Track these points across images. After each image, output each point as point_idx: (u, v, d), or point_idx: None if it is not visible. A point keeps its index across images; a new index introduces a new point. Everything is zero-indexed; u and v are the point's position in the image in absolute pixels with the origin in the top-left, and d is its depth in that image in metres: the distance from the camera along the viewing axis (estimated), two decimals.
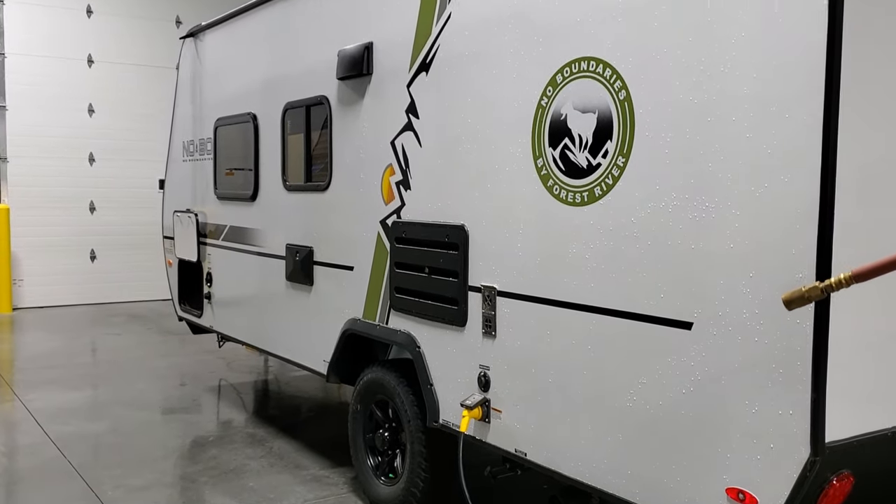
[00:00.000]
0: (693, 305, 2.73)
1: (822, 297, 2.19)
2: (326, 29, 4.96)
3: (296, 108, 5.34)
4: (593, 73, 3.08)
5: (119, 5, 12.94)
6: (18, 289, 12.34)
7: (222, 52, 6.60)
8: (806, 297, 2.18)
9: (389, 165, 4.39)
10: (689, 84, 2.72)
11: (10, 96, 12.24)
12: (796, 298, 2.19)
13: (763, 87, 2.50)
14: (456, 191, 3.88)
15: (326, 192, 5.00)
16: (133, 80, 12.93)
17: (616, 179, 3.01)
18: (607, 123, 3.04)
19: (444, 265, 3.94)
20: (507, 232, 3.56)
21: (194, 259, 6.97)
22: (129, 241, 12.92)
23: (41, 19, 12.37)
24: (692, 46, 2.71)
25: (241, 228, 6.18)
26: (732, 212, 2.59)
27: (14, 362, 8.93)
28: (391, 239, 4.35)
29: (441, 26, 3.92)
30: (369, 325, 4.56)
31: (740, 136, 2.56)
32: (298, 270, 5.25)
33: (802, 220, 2.40)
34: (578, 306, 3.19)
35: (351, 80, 4.66)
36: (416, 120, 4.17)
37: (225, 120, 6.42)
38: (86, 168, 12.83)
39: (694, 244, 2.72)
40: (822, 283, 2.15)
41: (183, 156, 7.37)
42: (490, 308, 3.65)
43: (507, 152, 3.54)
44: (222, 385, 7.85)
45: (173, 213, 7.47)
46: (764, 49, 2.50)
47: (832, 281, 2.13)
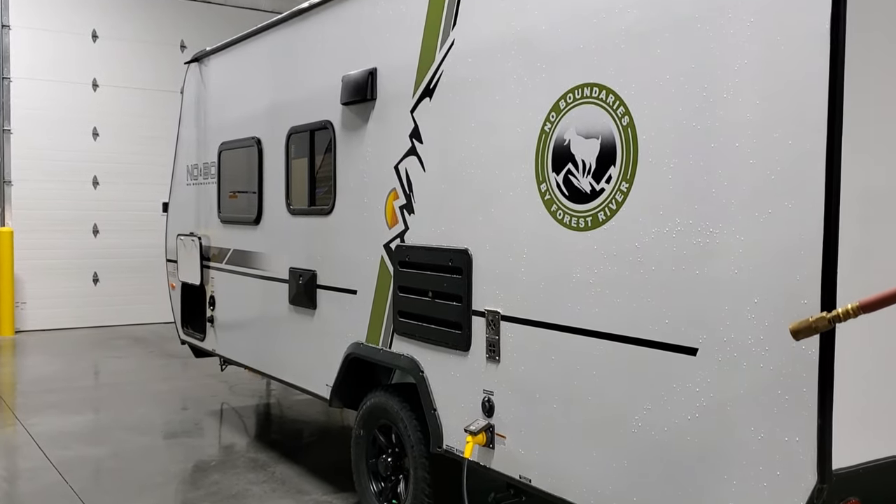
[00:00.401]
0: (698, 331, 2.73)
1: (830, 328, 2.19)
2: (330, 54, 5.00)
3: (300, 132, 5.37)
4: (596, 98, 3.10)
5: (124, 30, 13.05)
6: (21, 312, 12.34)
7: (226, 77, 6.64)
8: (813, 327, 2.17)
9: (393, 190, 4.40)
10: (692, 110, 2.73)
11: (15, 120, 12.31)
12: (803, 328, 2.19)
13: (766, 114, 2.51)
14: (460, 215, 3.89)
15: (330, 215, 5.01)
16: (137, 104, 13.01)
17: (620, 205, 3.02)
18: (610, 149, 3.05)
19: (447, 289, 3.93)
20: (511, 256, 3.56)
21: (197, 282, 6.97)
22: (131, 263, 12.93)
23: (47, 44, 12.48)
24: (695, 73, 2.72)
25: (244, 252, 6.18)
26: (737, 237, 2.59)
27: (16, 386, 8.91)
28: (395, 263, 4.36)
29: (444, 52, 3.94)
30: (372, 350, 4.55)
31: (744, 162, 2.57)
32: (301, 294, 5.25)
33: (807, 245, 2.40)
34: (583, 331, 3.18)
35: (355, 105, 4.68)
36: (419, 145, 4.19)
37: (229, 144, 6.45)
38: (89, 191, 12.87)
39: (698, 270, 2.72)
40: (829, 314, 2.14)
41: (187, 179, 7.39)
42: (494, 332, 3.65)
43: (511, 177, 3.55)
44: (224, 409, 7.82)
45: (177, 236, 7.48)
46: (767, 76, 2.51)
47: (839, 311, 2.13)
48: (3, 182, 12.29)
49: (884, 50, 2.56)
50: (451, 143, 3.95)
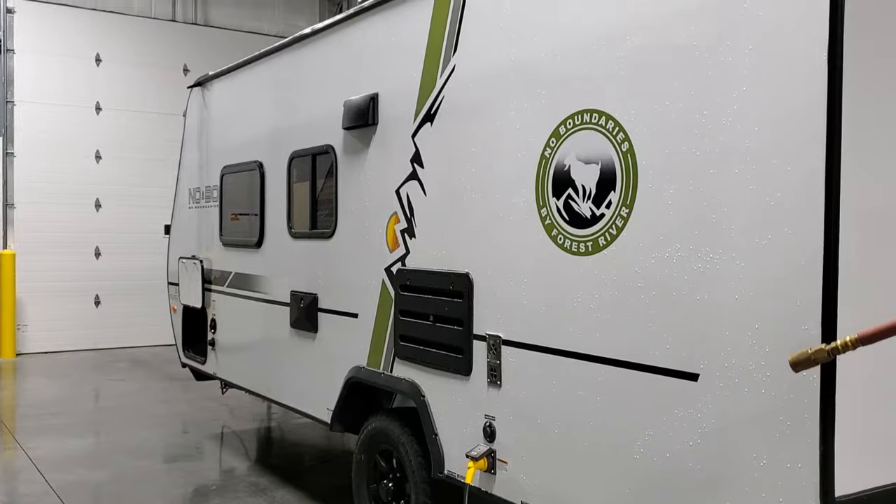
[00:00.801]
0: (699, 357, 2.73)
1: (829, 360, 2.19)
2: (332, 79, 5.03)
3: (302, 156, 5.39)
4: (596, 125, 3.12)
5: (127, 54, 13.15)
6: (22, 334, 12.34)
7: (229, 102, 6.69)
8: (812, 359, 2.18)
9: (394, 214, 4.42)
10: (691, 136, 2.75)
11: (19, 143, 12.38)
12: (802, 360, 2.19)
13: (765, 141, 2.53)
14: (460, 239, 3.90)
15: (331, 239, 5.02)
16: (140, 127, 13.09)
17: (620, 230, 3.02)
18: (610, 174, 3.06)
19: (448, 313, 3.94)
20: (512, 280, 3.56)
21: (199, 305, 6.97)
22: (133, 286, 12.94)
23: (50, 68, 12.57)
24: (694, 100, 2.74)
25: (245, 275, 6.19)
26: (737, 263, 2.60)
27: (16, 409, 8.89)
28: (396, 286, 4.36)
29: (445, 78, 3.97)
30: (373, 374, 4.55)
31: (743, 189, 2.58)
32: (303, 317, 5.25)
33: (807, 271, 2.41)
34: (584, 356, 3.18)
35: (356, 129, 4.71)
36: (420, 169, 4.21)
37: (231, 168, 6.48)
38: (92, 213, 12.92)
39: (699, 295, 2.73)
40: (828, 346, 2.15)
41: (189, 203, 7.42)
42: (495, 357, 3.64)
43: (512, 202, 3.57)
44: (225, 432, 7.80)
45: (179, 259, 7.50)
46: (765, 103, 2.53)
47: (838, 344, 2.13)
48: (6, 205, 12.33)
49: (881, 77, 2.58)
50: (451, 168, 3.96)
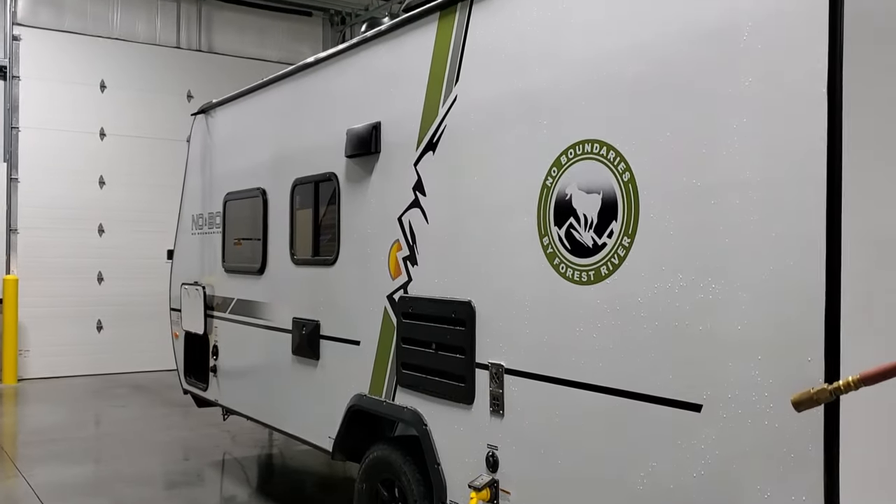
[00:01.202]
0: (702, 387, 2.72)
1: (831, 400, 2.18)
2: (335, 108, 5.07)
3: (304, 183, 5.41)
4: (597, 154, 3.13)
5: (132, 80, 13.24)
6: (24, 359, 12.32)
7: (232, 129, 6.72)
8: (815, 399, 2.17)
9: (397, 241, 4.42)
10: (692, 167, 2.76)
11: (23, 169, 12.44)
12: (805, 400, 2.19)
13: (766, 171, 2.53)
14: (463, 267, 3.90)
15: (334, 266, 5.03)
16: (144, 153, 13.15)
17: (622, 259, 3.03)
18: (612, 204, 3.07)
19: (450, 341, 3.93)
20: (514, 309, 3.56)
21: (201, 332, 6.97)
22: (135, 311, 12.94)
23: (56, 94, 12.66)
24: (695, 131, 2.75)
25: (248, 302, 6.19)
26: (739, 294, 2.60)
27: (18, 436, 8.85)
28: (398, 314, 4.36)
29: (447, 108, 4.00)
30: (375, 402, 4.53)
31: (744, 220, 2.59)
32: (305, 344, 5.25)
33: (809, 303, 2.40)
34: (587, 386, 3.17)
35: (359, 157, 4.73)
36: (422, 197, 4.22)
37: (234, 194, 6.51)
38: (95, 239, 12.95)
39: (701, 325, 2.72)
40: (830, 386, 2.15)
41: (192, 229, 7.44)
42: (498, 386, 3.63)
43: (513, 230, 3.57)
44: (226, 459, 7.76)
45: (181, 285, 7.50)
46: (766, 134, 2.54)
47: (840, 384, 2.13)
48: (10, 230, 12.37)
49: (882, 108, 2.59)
50: (453, 196, 3.98)
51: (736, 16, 2.65)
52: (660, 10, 2.92)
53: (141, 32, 13.53)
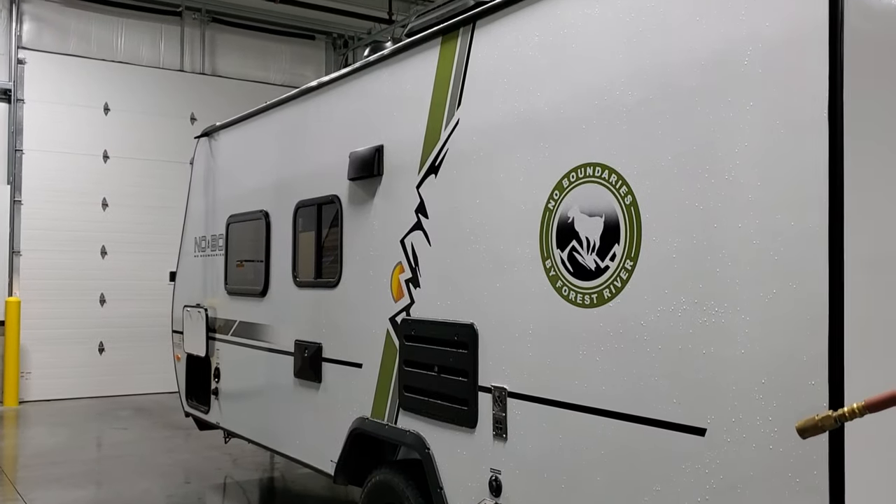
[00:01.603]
0: (706, 411, 2.71)
1: (836, 427, 2.17)
2: (338, 131, 5.09)
3: (307, 206, 5.43)
4: (599, 178, 3.14)
5: (135, 103, 13.32)
6: (26, 381, 12.29)
7: (236, 152, 6.75)
8: (819, 426, 2.16)
9: (399, 263, 4.43)
10: (694, 190, 2.77)
11: (27, 191, 12.48)
12: (809, 427, 2.18)
13: (768, 195, 2.54)
14: (465, 289, 3.90)
15: (336, 288, 5.03)
16: (147, 175, 13.20)
17: (625, 282, 3.03)
18: (614, 227, 3.08)
19: (453, 364, 3.92)
20: (517, 332, 3.56)
21: (203, 354, 6.96)
22: (137, 333, 12.92)
23: (59, 117, 12.73)
24: (696, 154, 2.77)
25: (250, 324, 6.19)
26: (742, 317, 2.60)
27: (18, 458, 8.82)
28: (400, 336, 4.35)
29: (450, 131, 4.02)
30: (378, 425, 4.51)
31: (747, 242, 2.59)
32: (307, 367, 5.24)
33: (812, 326, 2.40)
34: (590, 409, 3.16)
35: (362, 180, 4.75)
36: (425, 220, 4.23)
37: (237, 217, 6.52)
38: (97, 261, 12.96)
39: (705, 349, 2.72)
40: (835, 413, 2.14)
41: (194, 251, 7.45)
42: (501, 409, 3.62)
43: (516, 253, 3.58)
44: (228, 483, 7.71)
45: (183, 307, 7.50)
46: (767, 157, 2.55)
47: (845, 411, 2.12)
48: (13, 252, 12.38)
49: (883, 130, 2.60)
50: (456, 219, 3.99)
51: (736, 41, 2.67)
52: (660, 36, 2.94)
53: (145, 55, 13.63)
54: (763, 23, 2.60)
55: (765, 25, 2.59)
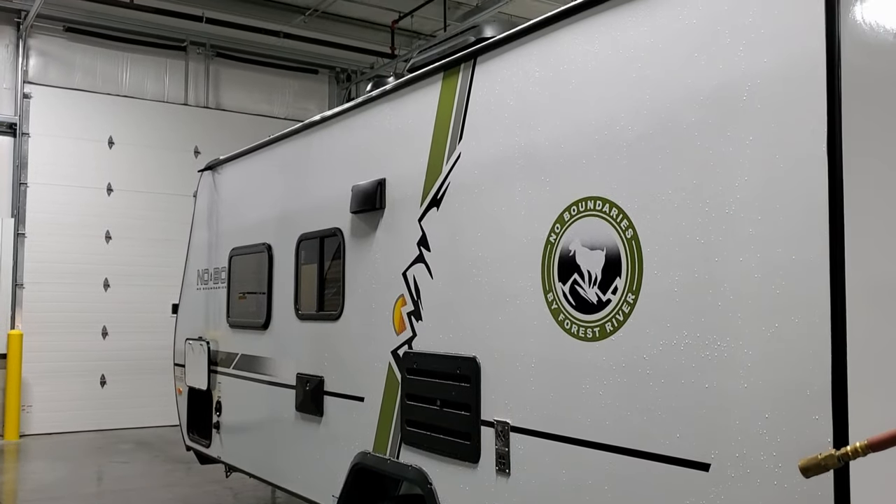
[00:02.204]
0: (710, 446, 2.69)
1: (839, 466, 2.16)
2: (340, 165, 5.12)
3: (310, 239, 5.44)
4: (600, 212, 3.16)
5: (140, 136, 13.40)
6: (27, 415, 12.23)
7: (238, 185, 6.79)
8: (822, 465, 2.15)
9: (401, 296, 4.43)
10: (694, 224, 2.78)
11: (30, 224, 12.52)
12: (812, 466, 2.16)
13: (768, 229, 2.55)
14: (467, 322, 3.90)
15: (338, 321, 5.02)
16: (150, 208, 13.24)
17: (627, 316, 3.03)
18: (615, 261, 3.08)
19: (455, 398, 3.90)
20: (520, 365, 3.55)
21: (204, 387, 6.93)
22: (139, 365, 12.87)
23: (64, 150, 12.79)
24: (696, 188, 2.78)
25: (252, 357, 6.17)
26: (745, 351, 2.59)
27: (18, 493, 8.74)
28: (402, 370, 4.34)
29: (451, 165, 4.04)
30: (380, 460, 4.48)
31: (748, 276, 2.59)
32: (308, 400, 5.21)
33: (815, 361, 2.39)
34: (594, 444, 3.14)
35: (364, 213, 4.77)
36: (427, 252, 4.24)
37: (240, 249, 6.54)
38: (100, 293, 12.95)
39: (707, 383, 2.71)
40: (837, 452, 2.13)
41: (197, 284, 7.45)
42: (503, 444, 3.60)
43: (518, 286, 3.58)
44: None
45: (185, 340, 7.49)
46: (767, 192, 2.57)
47: (848, 450, 2.11)
48: (16, 285, 12.39)
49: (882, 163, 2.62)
50: (458, 252, 3.99)
51: (735, 77, 2.69)
52: (660, 71, 2.97)
53: (149, 89, 13.74)
54: (761, 58, 2.63)
55: (763, 61, 2.62)
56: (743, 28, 2.69)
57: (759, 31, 2.64)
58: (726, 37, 2.74)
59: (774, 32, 2.60)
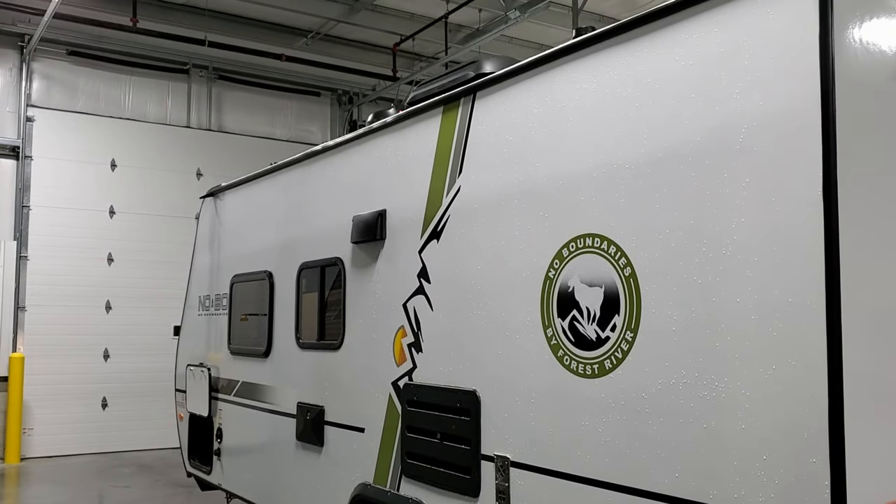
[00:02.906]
0: (708, 486, 2.69)
1: None
2: (341, 195, 5.15)
3: (311, 268, 5.46)
4: (598, 249, 3.17)
5: (142, 159, 13.46)
6: (28, 438, 12.21)
7: (240, 212, 6.82)
8: None
9: (401, 327, 4.44)
10: (692, 264, 2.79)
11: (32, 247, 12.55)
12: None
13: (765, 271, 2.56)
14: (467, 355, 3.91)
15: (339, 351, 5.03)
16: (153, 230, 13.28)
17: (625, 354, 3.03)
18: (614, 298, 3.09)
19: (455, 431, 3.90)
20: (519, 400, 3.55)
21: (205, 414, 6.93)
22: (141, 388, 12.86)
23: (66, 173, 12.84)
24: (694, 228, 2.80)
25: (253, 385, 6.18)
26: (742, 392, 2.60)
27: None
28: (403, 402, 4.34)
29: (451, 198, 4.06)
30: (380, 492, 4.47)
31: (746, 317, 2.60)
32: (309, 430, 5.21)
33: (812, 403, 2.40)
34: (593, 482, 3.14)
35: (365, 244, 4.79)
36: (427, 284, 4.25)
37: (241, 277, 6.56)
38: (102, 316, 12.97)
39: (705, 423, 2.71)
40: None
41: (199, 310, 7.47)
42: (503, 479, 3.59)
43: (517, 320, 3.59)
44: None
45: (186, 366, 7.49)
46: (764, 234, 2.58)
47: None
48: (18, 308, 12.41)
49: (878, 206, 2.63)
50: (458, 285, 4.01)
51: (732, 118, 2.72)
52: (657, 110, 3.00)
53: (152, 112, 13.82)
54: (757, 101, 2.65)
55: (759, 104, 2.64)
56: (739, 70, 2.72)
57: (755, 74, 2.67)
58: (723, 79, 2.77)
59: (770, 76, 2.62)
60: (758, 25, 2.68)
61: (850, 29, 2.55)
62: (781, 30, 2.61)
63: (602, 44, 3.28)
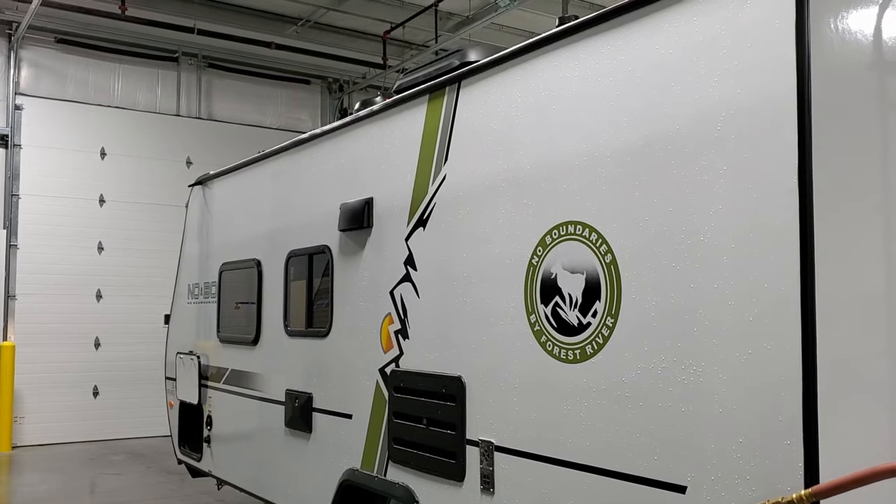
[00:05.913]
0: (686, 469, 2.74)
1: None
2: (329, 183, 5.17)
3: (298, 256, 5.49)
4: (580, 236, 3.21)
5: (132, 147, 13.42)
6: (19, 426, 12.22)
7: (228, 200, 6.83)
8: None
9: (388, 314, 4.47)
10: (671, 251, 2.83)
11: (22, 235, 12.53)
12: None
13: (742, 257, 2.60)
14: (453, 342, 3.95)
15: (326, 338, 5.07)
16: (143, 218, 13.26)
17: (606, 339, 3.08)
18: (595, 284, 3.13)
19: (441, 417, 3.95)
20: (504, 385, 3.59)
21: (195, 401, 6.96)
22: (132, 376, 12.88)
23: (56, 162, 12.80)
24: (673, 216, 2.83)
25: (242, 372, 6.21)
26: (719, 377, 2.65)
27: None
28: (390, 388, 4.38)
29: (437, 186, 4.09)
30: (367, 477, 4.52)
31: (722, 303, 2.65)
32: (297, 417, 5.25)
33: (787, 386, 2.45)
34: (575, 465, 3.19)
35: (352, 231, 4.81)
36: (413, 272, 4.29)
37: (230, 265, 6.58)
38: (92, 304, 12.96)
39: (684, 407, 2.76)
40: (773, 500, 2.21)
41: (188, 298, 7.49)
42: (488, 463, 3.64)
43: (502, 307, 3.63)
44: None
45: (176, 354, 7.52)
46: (740, 220, 2.62)
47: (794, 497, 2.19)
48: (8, 296, 12.40)
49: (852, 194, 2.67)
50: (443, 272, 4.04)
51: (710, 107, 2.75)
52: (637, 98, 3.03)
53: (141, 100, 13.77)
54: (734, 90, 2.69)
55: (736, 92, 2.68)
56: (717, 59, 2.75)
57: (732, 62, 2.70)
58: (701, 68, 2.80)
59: (747, 65, 2.66)
60: (736, 15, 2.71)
61: (826, 19, 2.59)
62: (759, 19, 2.64)
63: (584, 32, 3.30)
